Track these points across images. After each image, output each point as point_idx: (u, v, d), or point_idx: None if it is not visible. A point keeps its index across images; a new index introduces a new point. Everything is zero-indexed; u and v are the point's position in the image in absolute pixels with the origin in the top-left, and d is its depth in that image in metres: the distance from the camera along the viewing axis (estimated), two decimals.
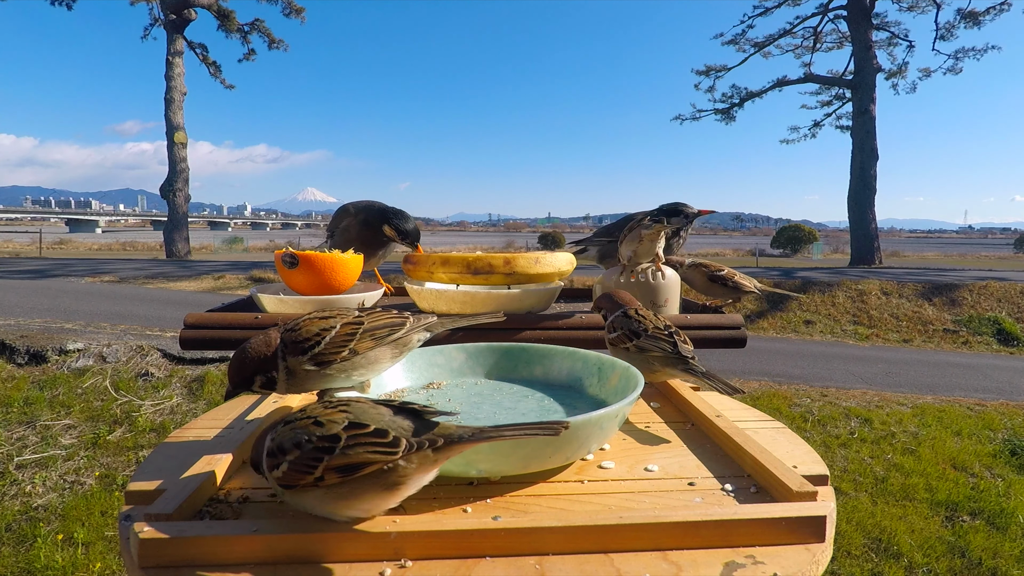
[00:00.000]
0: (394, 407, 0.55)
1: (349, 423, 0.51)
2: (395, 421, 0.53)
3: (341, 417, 0.52)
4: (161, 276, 12.20)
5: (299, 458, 0.50)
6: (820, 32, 17.91)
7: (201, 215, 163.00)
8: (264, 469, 0.53)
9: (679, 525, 0.51)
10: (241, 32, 19.26)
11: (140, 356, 4.21)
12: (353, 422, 0.51)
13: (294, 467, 0.50)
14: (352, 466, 0.49)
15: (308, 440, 0.50)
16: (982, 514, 2.72)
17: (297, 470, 0.50)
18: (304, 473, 0.50)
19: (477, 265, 1.13)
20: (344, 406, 0.54)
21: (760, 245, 26.36)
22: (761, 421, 0.84)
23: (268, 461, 0.52)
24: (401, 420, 0.53)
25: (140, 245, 27.14)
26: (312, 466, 0.49)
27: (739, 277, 1.35)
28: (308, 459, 0.50)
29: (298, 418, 0.53)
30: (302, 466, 0.50)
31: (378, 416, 0.53)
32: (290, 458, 0.50)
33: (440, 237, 59.96)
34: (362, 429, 0.50)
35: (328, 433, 0.50)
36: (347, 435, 0.50)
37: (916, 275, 12.02)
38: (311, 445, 0.50)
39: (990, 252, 32.90)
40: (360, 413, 0.53)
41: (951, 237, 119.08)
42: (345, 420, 0.52)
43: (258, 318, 1.08)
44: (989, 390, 5.28)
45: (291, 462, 0.50)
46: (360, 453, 0.49)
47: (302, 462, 0.50)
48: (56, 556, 2.20)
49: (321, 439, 0.50)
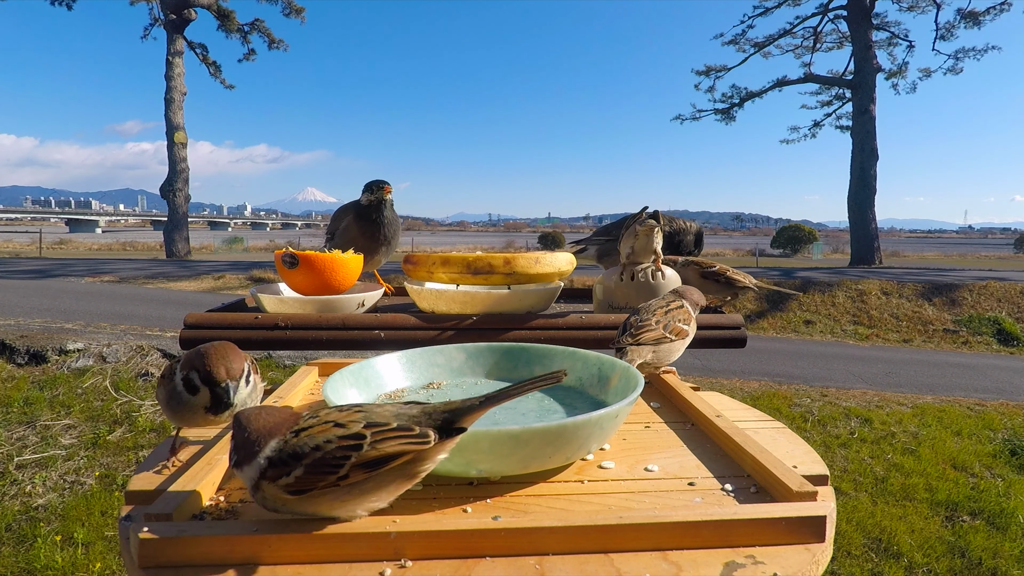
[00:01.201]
0: (399, 405, 0.56)
1: (367, 423, 0.51)
2: (409, 416, 0.53)
3: (359, 417, 0.52)
4: (161, 276, 12.20)
5: (320, 459, 0.49)
6: (820, 32, 17.92)
7: (201, 215, 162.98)
8: (259, 480, 0.51)
9: (679, 525, 0.51)
10: (241, 32, 19.26)
11: (140, 356, 4.21)
12: (371, 422, 0.51)
13: (313, 469, 0.49)
14: (383, 459, 0.49)
15: (328, 441, 0.50)
16: (982, 514, 2.72)
17: (316, 472, 0.49)
18: (327, 474, 0.49)
19: (477, 265, 1.13)
20: (357, 408, 0.54)
21: (760, 245, 26.36)
22: (761, 421, 0.84)
23: (273, 472, 0.50)
24: (412, 413, 0.54)
25: (140, 245, 27.15)
26: (338, 465, 0.49)
27: (732, 272, 1.34)
28: (332, 459, 0.49)
29: (312, 425, 0.52)
30: (325, 467, 0.49)
31: (392, 415, 0.53)
32: (307, 462, 0.49)
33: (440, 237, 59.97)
34: (383, 427, 0.51)
35: (350, 432, 0.50)
36: (371, 432, 0.50)
37: (916, 275, 12.03)
38: (333, 445, 0.50)
39: (990, 252, 32.89)
40: (375, 414, 0.53)
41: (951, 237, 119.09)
42: (363, 420, 0.51)
43: (258, 318, 1.08)
44: (989, 390, 5.28)
45: (308, 466, 0.49)
46: (392, 445, 0.50)
47: (324, 463, 0.49)
48: (56, 556, 2.20)
49: (343, 439, 0.50)
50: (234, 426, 0.54)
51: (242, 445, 0.52)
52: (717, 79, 18.87)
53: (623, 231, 1.21)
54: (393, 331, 1.07)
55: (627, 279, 1.19)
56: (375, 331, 1.06)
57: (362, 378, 0.82)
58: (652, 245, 1.16)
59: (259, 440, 0.52)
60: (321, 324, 1.07)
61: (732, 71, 18.74)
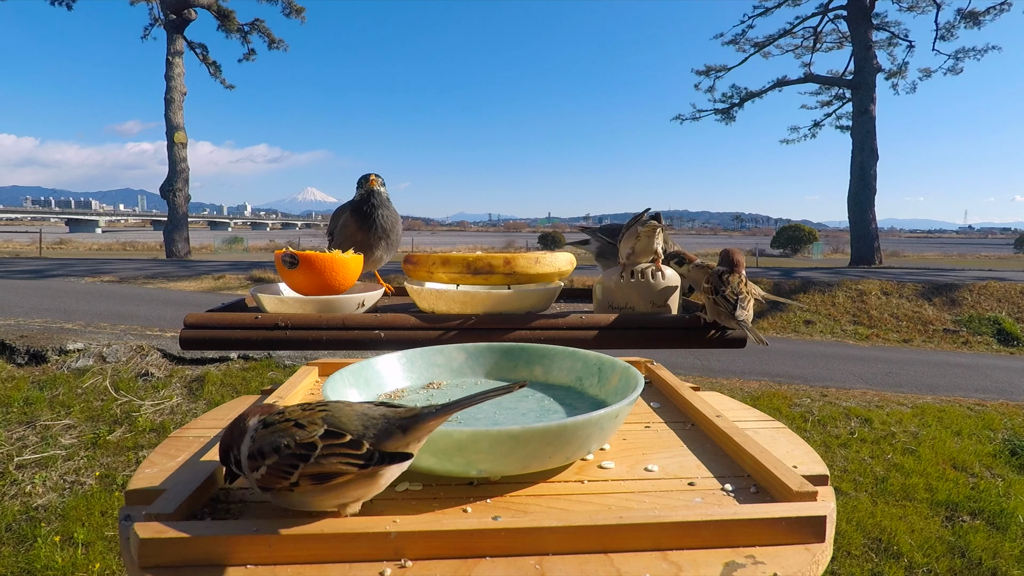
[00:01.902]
0: (373, 403, 0.56)
1: (327, 430, 0.52)
2: (369, 415, 0.54)
3: (320, 419, 0.53)
4: (161, 276, 12.20)
5: (277, 463, 0.51)
6: (820, 32, 17.92)
7: (201, 215, 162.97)
8: (244, 469, 0.54)
9: (679, 525, 0.51)
10: (241, 32, 19.26)
11: (140, 356, 4.21)
12: (330, 429, 0.52)
13: (272, 471, 0.51)
14: (326, 475, 0.51)
15: (287, 446, 0.51)
16: (982, 514, 2.72)
17: (274, 474, 0.51)
18: (281, 478, 0.51)
19: (477, 265, 1.13)
20: (323, 408, 0.55)
21: (760, 245, 26.35)
22: (761, 421, 0.84)
23: (250, 463, 0.53)
24: (376, 412, 0.54)
25: (140, 245, 27.14)
26: (288, 472, 0.51)
27: None
28: (285, 465, 0.51)
29: (277, 420, 0.54)
30: (279, 471, 0.51)
31: (354, 419, 0.54)
32: (268, 462, 0.51)
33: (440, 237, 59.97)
34: (338, 439, 0.52)
35: (306, 440, 0.51)
36: (323, 444, 0.51)
37: (916, 275, 12.02)
38: (288, 451, 0.51)
39: (990, 252, 32.89)
40: (338, 415, 0.54)
41: (951, 237, 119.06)
42: (324, 426, 0.53)
43: (258, 318, 1.08)
44: (989, 390, 5.27)
45: (269, 466, 0.51)
46: (334, 463, 0.51)
47: (279, 467, 0.51)
48: (56, 556, 2.20)
49: (299, 446, 0.51)
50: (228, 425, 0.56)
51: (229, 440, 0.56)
52: (717, 79, 18.87)
53: (623, 231, 1.21)
54: (393, 331, 1.07)
55: (627, 279, 1.19)
56: (375, 331, 1.06)
57: (362, 378, 0.82)
58: (653, 246, 1.16)
59: (242, 422, 0.55)
60: (321, 324, 1.07)
61: (732, 71, 18.76)
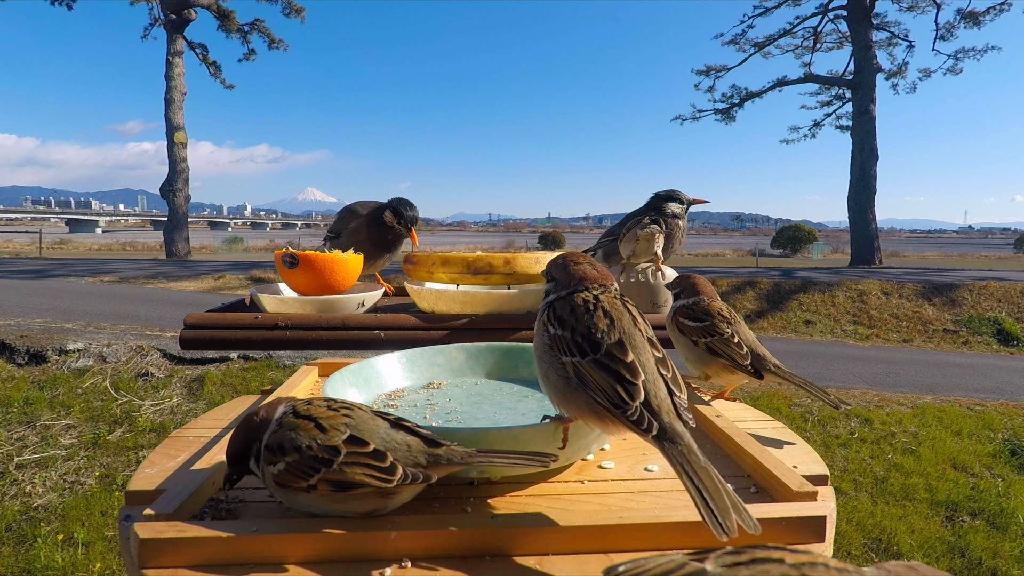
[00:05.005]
0: (391, 421, 0.55)
1: (350, 435, 0.51)
2: (393, 438, 0.53)
3: (343, 424, 0.52)
4: (161, 276, 12.20)
5: (297, 462, 0.51)
6: (820, 32, 17.91)
7: (201, 215, 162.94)
8: (261, 463, 0.53)
9: (679, 525, 0.51)
10: (241, 32, 19.25)
11: (140, 356, 4.21)
12: (354, 435, 0.51)
13: (291, 469, 0.51)
14: (347, 483, 0.50)
15: (308, 447, 0.51)
16: (982, 514, 2.72)
17: (293, 473, 0.51)
18: (300, 478, 0.50)
19: (477, 265, 1.13)
20: (347, 411, 0.54)
21: (760, 245, 26.35)
22: (761, 421, 0.84)
23: (267, 455, 0.52)
24: (399, 437, 0.53)
25: (140, 245, 27.14)
26: (308, 474, 0.50)
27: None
28: (305, 466, 0.50)
29: (298, 417, 0.53)
30: (299, 471, 0.50)
31: (377, 431, 0.53)
32: (288, 459, 0.51)
33: (440, 237, 59.95)
34: (362, 447, 0.51)
35: (328, 443, 0.51)
36: (347, 450, 0.50)
37: (916, 275, 12.02)
38: (310, 453, 0.50)
39: (990, 252, 32.88)
40: (361, 424, 0.53)
41: (951, 237, 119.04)
42: (347, 431, 0.52)
43: (258, 318, 1.08)
44: (989, 390, 5.27)
45: (289, 463, 0.51)
46: (357, 473, 0.50)
47: (299, 467, 0.50)
48: (56, 556, 2.20)
49: (321, 448, 0.50)
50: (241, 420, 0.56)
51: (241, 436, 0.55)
52: (717, 79, 18.88)
53: (624, 231, 1.21)
54: (393, 331, 1.07)
55: (627, 279, 1.20)
56: (375, 331, 1.06)
57: (362, 378, 0.82)
58: (653, 249, 1.17)
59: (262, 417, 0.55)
60: (321, 324, 1.07)
61: (732, 71, 18.76)
